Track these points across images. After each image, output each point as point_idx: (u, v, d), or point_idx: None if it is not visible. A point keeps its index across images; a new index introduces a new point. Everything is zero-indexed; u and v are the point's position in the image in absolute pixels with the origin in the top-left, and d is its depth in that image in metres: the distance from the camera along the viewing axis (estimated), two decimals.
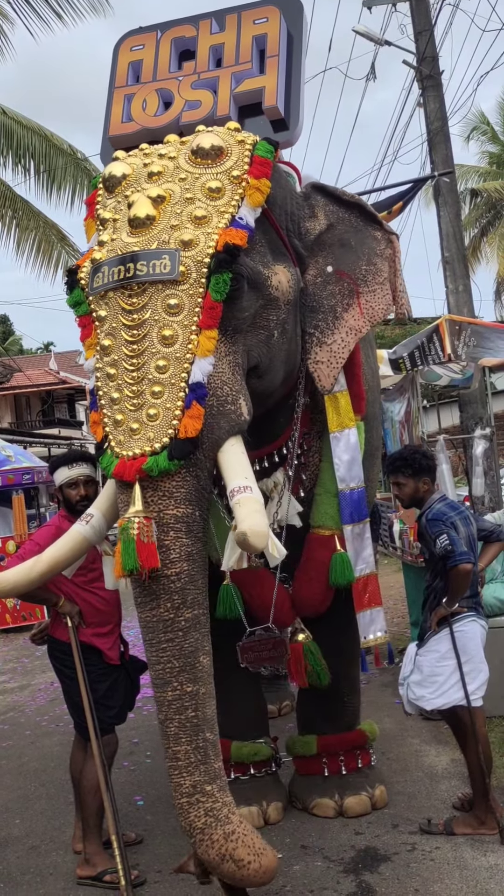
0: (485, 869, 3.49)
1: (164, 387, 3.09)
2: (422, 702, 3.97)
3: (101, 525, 3.51)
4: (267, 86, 4.09)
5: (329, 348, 3.87)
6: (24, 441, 17.70)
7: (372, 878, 3.52)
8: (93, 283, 3.29)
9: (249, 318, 3.39)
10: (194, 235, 3.17)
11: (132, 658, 4.16)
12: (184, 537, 3.07)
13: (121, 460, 3.10)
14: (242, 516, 2.98)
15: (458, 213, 9.52)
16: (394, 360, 7.70)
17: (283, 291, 3.55)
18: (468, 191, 22.00)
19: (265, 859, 2.97)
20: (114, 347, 3.19)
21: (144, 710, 6.35)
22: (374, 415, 4.50)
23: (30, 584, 3.57)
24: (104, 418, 3.24)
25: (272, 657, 4.02)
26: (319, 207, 3.96)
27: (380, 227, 4.02)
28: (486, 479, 8.11)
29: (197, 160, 3.35)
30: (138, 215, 3.19)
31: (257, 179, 3.36)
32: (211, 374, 3.16)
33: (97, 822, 3.81)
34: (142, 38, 4.42)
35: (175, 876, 3.70)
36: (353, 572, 4.01)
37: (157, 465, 3.02)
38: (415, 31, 9.56)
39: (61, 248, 12.08)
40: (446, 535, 3.79)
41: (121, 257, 3.17)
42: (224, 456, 3.18)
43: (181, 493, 3.08)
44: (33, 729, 6.34)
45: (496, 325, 8.06)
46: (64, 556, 3.54)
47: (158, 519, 3.04)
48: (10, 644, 10.19)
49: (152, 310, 3.12)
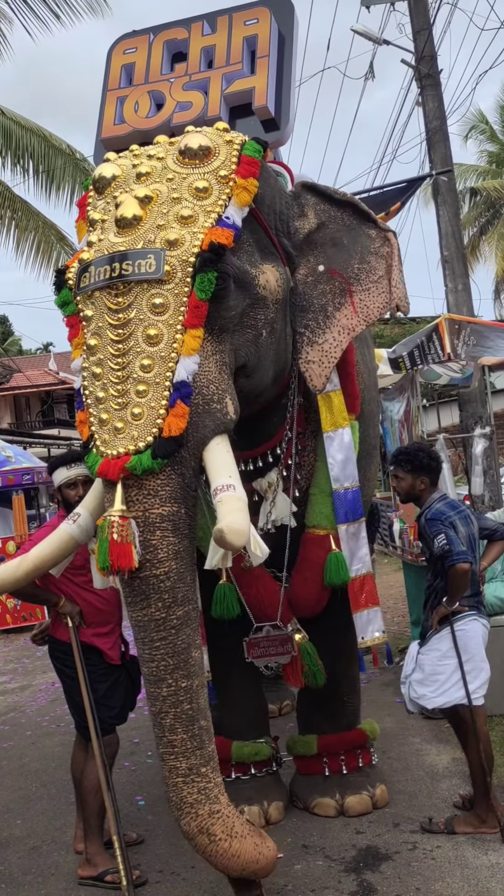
0: (486, 868, 3.49)
1: (149, 386, 3.08)
2: (423, 700, 3.97)
3: (89, 524, 3.50)
4: (257, 86, 4.11)
5: (320, 348, 3.83)
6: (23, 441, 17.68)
7: (373, 877, 3.52)
8: (80, 283, 3.29)
9: (236, 318, 3.38)
10: (180, 235, 3.17)
11: (133, 658, 4.15)
12: (170, 535, 3.07)
13: (105, 459, 3.10)
14: (223, 514, 2.98)
15: (457, 212, 9.52)
16: (393, 360, 7.71)
17: (271, 290, 3.53)
18: (467, 190, 21.99)
19: (239, 843, 3.06)
20: (99, 347, 3.19)
21: (145, 709, 6.35)
22: (370, 413, 4.49)
23: (16, 582, 3.54)
24: (90, 417, 3.24)
25: (279, 654, 4.02)
26: (310, 206, 3.93)
27: (374, 224, 3.99)
28: (485, 478, 8.12)
29: (185, 160, 3.34)
30: (125, 215, 3.19)
31: (244, 179, 3.35)
32: (196, 372, 3.15)
33: (98, 822, 3.81)
34: (135, 41, 4.45)
35: (176, 876, 3.70)
36: (349, 572, 4.01)
37: (141, 464, 3.02)
38: (413, 29, 9.55)
39: (60, 248, 12.09)
40: (444, 534, 3.79)
41: (108, 257, 3.18)
42: (209, 455, 3.18)
43: (166, 492, 3.07)
44: (34, 729, 6.34)
45: (495, 324, 8.08)
46: (50, 555, 3.53)
47: (144, 518, 3.04)
48: (10, 644, 10.20)
49: (137, 309, 3.12)
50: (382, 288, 3.89)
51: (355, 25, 10.60)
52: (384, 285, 3.89)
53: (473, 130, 23.05)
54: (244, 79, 4.16)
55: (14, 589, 3.67)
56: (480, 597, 4.00)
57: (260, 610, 3.99)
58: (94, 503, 3.47)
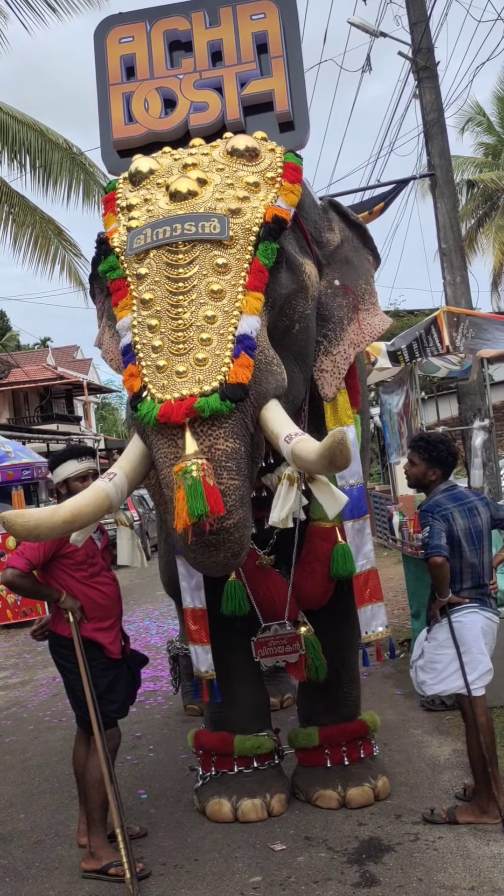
0: (488, 858, 3.50)
1: (213, 335, 3.12)
2: (424, 686, 4.02)
3: (123, 485, 3.32)
4: (276, 89, 4.12)
5: (333, 359, 3.98)
6: (22, 437, 17.69)
7: (376, 868, 3.54)
8: (132, 244, 3.33)
9: (283, 298, 3.47)
10: (241, 207, 3.29)
11: (133, 652, 4.17)
12: (236, 478, 3.08)
13: (166, 403, 3.06)
14: (314, 442, 3.03)
15: (454, 204, 9.53)
16: (392, 353, 7.71)
17: (312, 283, 3.66)
18: (464, 182, 21.95)
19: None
20: (156, 300, 3.21)
21: (147, 704, 6.38)
22: (364, 407, 4.57)
23: (51, 529, 3.21)
24: (143, 368, 3.21)
25: (287, 653, 4.03)
26: (336, 223, 4.11)
27: (371, 252, 4.25)
28: (485, 471, 8.13)
29: (233, 158, 3.50)
30: (180, 189, 3.30)
31: (291, 183, 3.51)
32: (259, 332, 3.22)
33: (101, 815, 3.82)
34: (130, 28, 4.34)
35: (179, 868, 3.72)
36: (355, 565, 4.02)
37: (209, 405, 3.01)
38: (410, 22, 9.53)
39: (58, 243, 12.06)
40: (429, 526, 3.85)
41: (166, 219, 3.26)
42: (269, 413, 3.23)
43: (230, 426, 3.08)
44: (36, 724, 6.35)
45: (494, 317, 8.08)
46: (86, 508, 3.23)
47: (211, 454, 3.03)
48: (11, 640, 10.20)
49: (200, 266, 3.19)
50: (378, 310, 4.14)
51: (352, 18, 10.58)
52: (379, 309, 4.15)
53: (469, 122, 23.01)
54: (260, 80, 4.14)
55: (48, 535, 3.33)
56: (486, 589, 3.96)
57: (268, 607, 4.00)
58: (130, 464, 3.36)
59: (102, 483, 3.30)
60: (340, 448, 2.85)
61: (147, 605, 11.17)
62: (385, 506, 8.29)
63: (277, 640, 4.02)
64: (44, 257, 11.96)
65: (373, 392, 10.33)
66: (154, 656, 7.54)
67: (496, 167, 22.55)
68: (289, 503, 3.23)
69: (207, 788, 4.24)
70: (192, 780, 4.49)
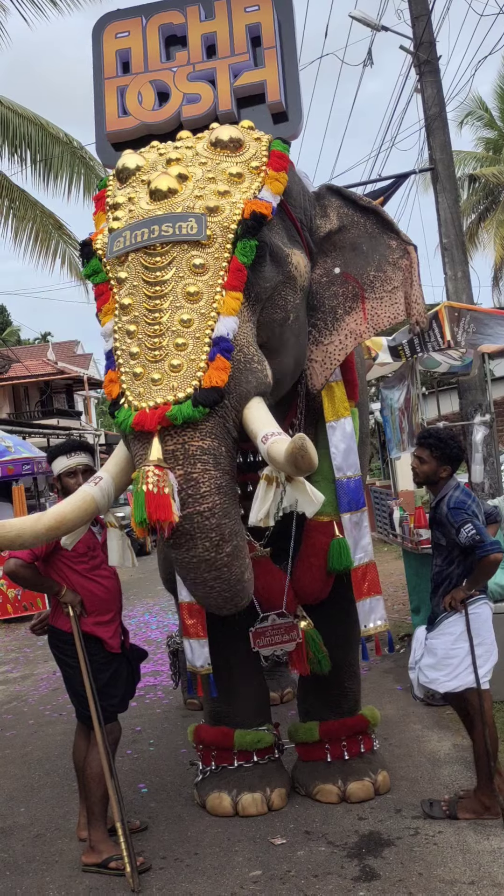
0: (488, 853, 3.51)
1: (188, 339, 3.09)
2: (435, 685, 3.97)
3: (109, 488, 3.37)
4: (268, 79, 4.09)
5: (325, 349, 3.91)
6: (23, 431, 17.65)
7: (376, 862, 3.54)
8: (112, 248, 3.31)
9: (269, 291, 3.43)
10: (219, 204, 3.23)
11: (133, 646, 4.17)
12: (212, 469, 3.04)
13: (140, 411, 3.06)
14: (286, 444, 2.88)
15: (456, 199, 9.49)
16: (393, 348, 7.69)
17: (301, 273, 3.62)
18: (466, 176, 21.91)
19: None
20: (135, 305, 3.19)
21: (147, 698, 6.39)
22: (364, 401, 4.54)
23: (35, 536, 3.26)
24: (122, 374, 3.20)
25: (285, 641, 4.03)
26: (333, 208, 4.01)
27: (396, 235, 4.00)
28: (485, 466, 8.13)
29: (216, 150, 3.44)
30: (160, 188, 3.25)
31: (276, 171, 3.46)
32: (237, 332, 3.18)
33: (102, 809, 3.82)
34: (126, 23, 4.34)
35: (180, 862, 3.72)
36: (352, 559, 4.02)
37: (182, 413, 2.99)
38: (412, 15, 9.49)
39: (59, 237, 12.04)
40: (471, 524, 3.78)
41: (146, 220, 3.22)
42: (251, 412, 3.17)
43: (206, 427, 3.04)
44: (36, 718, 6.36)
45: (495, 312, 8.05)
46: (70, 514, 3.29)
47: (184, 451, 3.01)
48: (11, 634, 10.22)
49: (177, 268, 3.15)
50: (396, 299, 3.92)
51: (353, 11, 10.54)
52: (398, 297, 3.91)
53: (470, 117, 22.95)
54: (253, 71, 4.11)
55: (33, 543, 3.38)
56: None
57: (266, 598, 4.00)
58: (116, 467, 3.39)
59: (88, 487, 3.36)
60: (301, 454, 2.82)
61: (147, 600, 11.19)
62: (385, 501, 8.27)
63: (275, 629, 4.02)
64: (44, 252, 11.95)
65: (373, 387, 10.33)
66: (154, 651, 7.55)
67: (497, 162, 22.50)
68: (267, 503, 3.19)
69: (208, 783, 4.25)
70: (193, 775, 4.49)
